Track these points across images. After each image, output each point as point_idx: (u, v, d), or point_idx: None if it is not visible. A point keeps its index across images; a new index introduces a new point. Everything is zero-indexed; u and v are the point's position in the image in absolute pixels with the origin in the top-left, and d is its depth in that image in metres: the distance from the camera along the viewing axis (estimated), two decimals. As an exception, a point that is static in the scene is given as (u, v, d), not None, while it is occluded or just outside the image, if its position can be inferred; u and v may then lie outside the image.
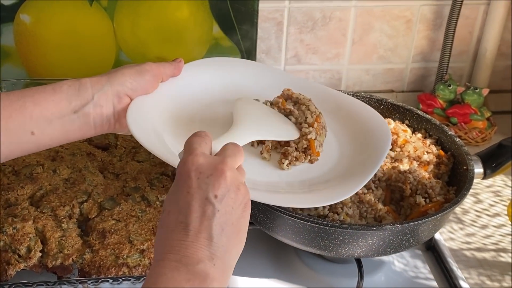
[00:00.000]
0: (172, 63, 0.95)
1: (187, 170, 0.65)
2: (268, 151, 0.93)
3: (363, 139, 0.99)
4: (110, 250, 0.84)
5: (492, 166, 0.99)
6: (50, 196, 0.91)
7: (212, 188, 0.64)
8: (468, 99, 1.29)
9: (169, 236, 0.63)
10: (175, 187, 0.66)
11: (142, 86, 0.88)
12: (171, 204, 0.65)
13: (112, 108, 0.85)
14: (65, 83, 0.83)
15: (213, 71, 1.05)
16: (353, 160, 0.96)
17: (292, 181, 0.91)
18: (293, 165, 0.93)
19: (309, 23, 1.30)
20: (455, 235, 1.06)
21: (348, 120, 1.03)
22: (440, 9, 1.32)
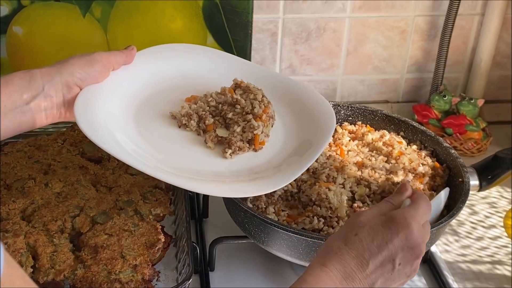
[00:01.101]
0: (123, 51, 0.96)
1: (408, 232, 0.71)
2: (212, 140, 0.93)
3: (309, 123, 0.99)
4: (103, 266, 0.83)
5: (487, 178, 0.98)
6: (42, 210, 0.90)
7: (403, 257, 0.71)
8: (464, 109, 1.29)
9: (347, 258, 0.70)
10: (383, 227, 0.71)
11: (91, 76, 0.90)
12: (368, 236, 0.71)
13: (62, 97, 0.87)
14: (16, 75, 0.85)
15: (167, 58, 1.05)
16: (299, 144, 0.96)
17: (236, 170, 0.91)
18: (236, 154, 0.92)
19: (303, 34, 1.30)
20: (451, 247, 1.05)
21: (295, 106, 1.02)
22: (435, 20, 1.32)
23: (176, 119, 0.96)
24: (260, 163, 0.92)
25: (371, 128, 1.11)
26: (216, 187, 0.86)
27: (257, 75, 1.05)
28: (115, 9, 1.19)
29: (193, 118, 0.95)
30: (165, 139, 0.93)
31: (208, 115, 0.95)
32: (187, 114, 0.95)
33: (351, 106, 1.13)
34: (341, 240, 0.71)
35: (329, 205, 0.91)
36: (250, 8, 1.22)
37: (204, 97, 0.99)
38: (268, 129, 0.96)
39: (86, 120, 0.86)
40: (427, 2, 1.30)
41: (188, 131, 0.95)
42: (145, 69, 1.00)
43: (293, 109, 1.02)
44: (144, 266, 0.84)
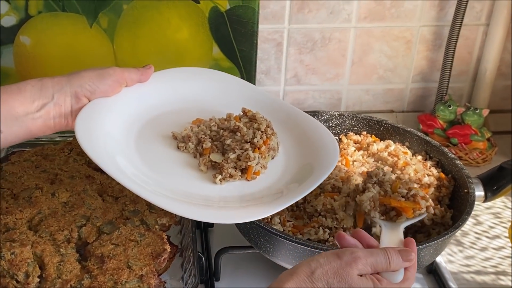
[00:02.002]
0: (139, 69, 0.97)
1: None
2: (206, 164, 0.93)
3: (310, 158, 0.97)
4: (109, 276, 0.83)
5: (493, 189, 0.98)
6: (49, 220, 0.90)
7: None
8: (469, 119, 1.29)
9: None
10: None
11: (101, 89, 0.91)
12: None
13: (70, 107, 0.89)
14: (28, 82, 0.87)
15: (181, 81, 1.05)
16: (295, 177, 0.94)
17: (226, 196, 0.90)
18: (227, 181, 0.91)
19: (308, 44, 1.31)
20: (455, 258, 1.05)
21: (300, 138, 1.01)
22: (440, 30, 1.33)
23: (177, 140, 0.97)
24: (253, 191, 0.91)
25: (376, 138, 1.11)
26: (200, 212, 0.84)
27: (269, 105, 1.04)
28: (122, 19, 1.19)
29: (192, 140, 0.95)
30: (161, 158, 0.94)
31: (207, 139, 0.95)
32: (187, 136, 0.95)
33: (356, 116, 1.13)
34: (324, 282, 0.70)
35: (335, 215, 0.91)
36: (256, 18, 1.22)
37: (209, 121, 0.99)
38: (266, 160, 0.95)
39: (84, 131, 0.87)
40: (432, 12, 1.31)
41: (185, 153, 0.95)
42: (158, 89, 1.01)
43: (297, 139, 1.01)
44: (150, 276, 0.84)
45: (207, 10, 1.21)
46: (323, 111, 1.14)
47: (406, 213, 0.89)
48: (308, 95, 1.36)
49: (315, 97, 1.37)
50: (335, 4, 1.27)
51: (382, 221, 0.87)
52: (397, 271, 0.74)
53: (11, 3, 1.15)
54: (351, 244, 0.76)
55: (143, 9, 1.19)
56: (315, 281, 0.69)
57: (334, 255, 0.72)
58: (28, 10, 1.17)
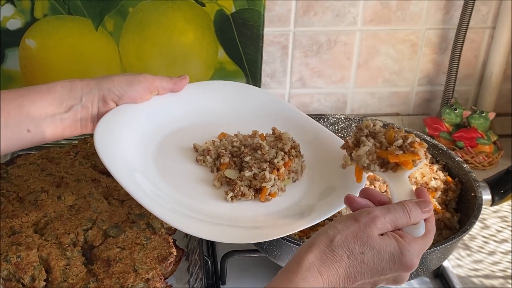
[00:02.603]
0: (173, 79, 0.96)
1: (401, 271, 0.70)
2: (220, 179, 0.90)
3: (334, 180, 0.92)
4: (115, 279, 0.83)
5: (500, 192, 0.98)
6: (55, 224, 0.90)
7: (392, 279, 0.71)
8: (475, 123, 1.28)
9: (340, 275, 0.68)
10: (389, 262, 0.69)
11: (129, 95, 0.91)
12: (371, 261, 0.69)
13: (97, 110, 0.90)
14: (58, 83, 0.88)
15: (213, 93, 1.04)
16: (315, 200, 0.90)
17: (237, 215, 0.86)
18: (238, 199, 0.88)
19: (314, 47, 1.30)
20: (463, 262, 1.05)
21: (326, 160, 0.96)
22: (446, 33, 1.32)
23: (197, 152, 0.95)
24: (267, 212, 0.88)
25: (382, 141, 1.11)
26: (206, 230, 0.82)
27: (301, 124, 1.01)
28: (128, 22, 1.19)
29: (211, 154, 0.93)
30: (178, 170, 0.92)
31: (226, 154, 0.92)
32: (206, 149, 0.93)
33: (362, 119, 1.13)
34: (345, 249, 0.68)
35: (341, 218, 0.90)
36: (261, 21, 1.22)
37: (232, 136, 0.96)
38: (284, 183, 0.91)
39: (104, 138, 0.86)
40: (438, 15, 1.30)
41: (203, 166, 0.93)
42: (188, 100, 0.99)
43: (322, 162, 0.96)
44: (157, 280, 0.84)
45: (213, 13, 1.21)
46: (329, 114, 1.14)
47: (406, 166, 0.82)
48: (313, 98, 1.36)
49: (321, 100, 1.37)
50: (340, 7, 1.26)
51: (385, 174, 0.82)
52: (417, 224, 0.72)
53: (17, 6, 1.15)
54: (363, 205, 0.74)
55: (149, 12, 1.19)
56: (335, 250, 0.68)
57: (351, 218, 0.70)
58: (33, 13, 1.17)
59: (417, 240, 0.71)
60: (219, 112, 1.02)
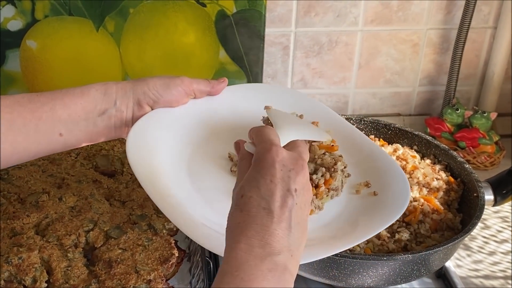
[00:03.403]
0: (210, 82, 0.93)
1: (271, 159, 0.66)
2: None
3: (374, 203, 0.86)
4: (117, 281, 0.83)
5: (502, 193, 0.98)
6: (56, 225, 0.90)
7: (293, 181, 0.65)
8: (476, 123, 1.28)
9: (252, 220, 0.63)
10: (256, 174, 0.66)
11: (165, 98, 0.88)
12: (252, 190, 0.65)
13: (132, 114, 0.87)
14: (92, 86, 0.86)
15: (251, 97, 0.97)
16: (353, 219, 0.84)
17: None
18: None
19: (315, 48, 1.30)
20: (463, 262, 1.04)
21: (367, 173, 0.90)
22: (447, 33, 1.32)
23: (232, 162, 0.90)
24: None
25: (384, 142, 1.11)
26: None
27: (343, 131, 0.95)
28: (128, 23, 1.19)
29: None
30: (211, 182, 0.86)
31: None
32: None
33: (363, 119, 1.13)
34: (234, 211, 0.65)
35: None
36: (263, 22, 1.22)
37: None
38: (323, 201, 0.84)
39: (135, 143, 0.83)
40: (439, 15, 1.30)
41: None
42: (227, 104, 0.94)
43: (364, 175, 0.90)
44: (158, 281, 0.83)
45: (214, 13, 1.20)
46: (330, 114, 1.13)
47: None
48: (314, 99, 1.36)
49: (322, 101, 1.36)
50: (342, 8, 1.26)
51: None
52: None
53: (17, 7, 1.15)
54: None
55: (150, 13, 1.19)
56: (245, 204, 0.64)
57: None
58: (34, 14, 1.17)
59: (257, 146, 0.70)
60: (258, 117, 0.94)
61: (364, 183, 0.89)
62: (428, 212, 0.95)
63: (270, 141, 0.69)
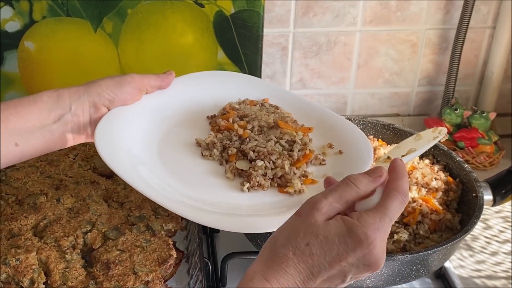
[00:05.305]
0: (159, 76, 0.95)
1: (359, 253, 0.62)
2: (232, 171, 0.89)
3: (343, 157, 0.92)
4: (115, 282, 0.82)
5: (501, 193, 0.97)
6: (54, 226, 0.89)
7: (357, 275, 0.64)
8: (475, 123, 1.28)
9: (293, 275, 0.62)
10: (340, 243, 0.62)
11: (120, 97, 0.89)
12: (320, 249, 0.62)
13: (89, 118, 0.87)
14: (44, 94, 0.85)
15: (202, 85, 1.03)
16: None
17: (255, 204, 0.85)
18: (255, 190, 0.86)
19: (314, 48, 1.30)
20: (465, 263, 1.04)
21: (332, 140, 0.96)
22: (446, 33, 1.32)
23: (201, 147, 0.93)
24: (283, 197, 0.86)
25: (383, 142, 1.10)
26: (229, 221, 0.80)
27: (294, 104, 1.01)
28: (126, 24, 1.19)
29: (216, 147, 0.91)
30: (186, 167, 0.90)
31: (232, 145, 0.90)
32: (211, 143, 0.92)
33: (362, 120, 1.13)
34: (289, 246, 0.62)
35: (342, 220, 0.90)
36: (261, 22, 1.22)
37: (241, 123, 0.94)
38: (300, 171, 0.89)
39: (106, 144, 0.85)
40: (438, 15, 1.30)
41: (211, 160, 0.91)
42: (179, 94, 0.98)
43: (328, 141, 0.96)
44: (156, 282, 0.83)
45: (212, 14, 1.20)
46: (329, 115, 1.13)
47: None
48: (313, 99, 1.36)
49: (321, 101, 1.36)
50: (340, 8, 1.26)
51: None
52: (372, 195, 0.64)
53: (15, 8, 1.15)
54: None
55: (148, 13, 1.19)
56: (278, 250, 0.62)
57: (294, 214, 0.65)
58: (32, 15, 1.16)
59: (367, 212, 0.63)
60: (213, 103, 1.00)
61: (328, 145, 0.94)
62: (427, 213, 0.94)
63: (391, 224, 0.64)
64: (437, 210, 0.96)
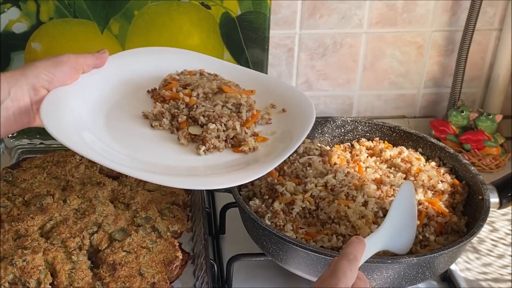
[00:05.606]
0: (94, 54, 0.96)
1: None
2: (186, 137, 0.92)
3: (289, 117, 0.99)
4: (121, 283, 0.82)
5: (508, 195, 0.97)
6: (60, 227, 0.90)
7: None
8: (482, 125, 1.28)
9: None
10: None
11: (58, 78, 0.90)
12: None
13: (29, 100, 0.87)
14: None
15: (141, 61, 1.06)
16: (278, 137, 0.96)
17: (212, 164, 0.90)
18: (210, 152, 0.91)
19: (320, 50, 1.30)
20: (471, 265, 1.04)
21: (273, 101, 1.03)
22: (452, 35, 1.32)
23: (148, 119, 0.96)
24: (239, 156, 0.92)
25: (389, 144, 1.10)
26: (190, 181, 0.85)
27: (231, 73, 1.07)
28: (133, 25, 1.19)
29: (166, 116, 0.94)
30: (138, 139, 0.93)
31: (181, 113, 0.94)
32: (159, 113, 0.94)
33: (368, 122, 1.13)
34: None
35: (349, 223, 0.90)
36: (267, 24, 1.22)
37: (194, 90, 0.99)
38: (251, 130, 0.96)
39: (54, 123, 0.85)
40: (444, 17, 1.30)
41: (161, 130, 0.95)
42: (118, 71, 1.01)
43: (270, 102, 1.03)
44: (162, 283, 0.83)
45: (218, 15, 1.20)
46: (335, 117, 1.13)
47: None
48: (319, 101, 1.36)
49: (327, 103, 1.36)
50: (346, 9, 1.26)
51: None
52: None
53: (22, 9, 1.15)
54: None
55: (154, 15, 1.19)
56: None
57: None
58: (39, 17, 1.17)
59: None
60: (151, 77, 1.03)
61: (270, 105, 1.02)
62: (433, 215, 0.94)
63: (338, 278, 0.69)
64: (443, 212, 0.95)
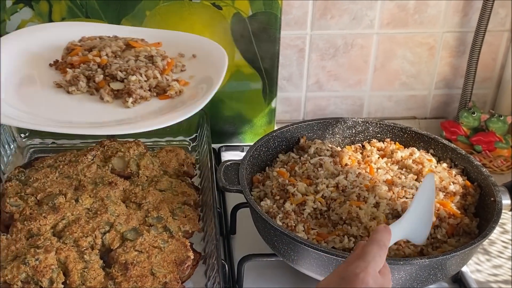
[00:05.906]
0: None
1: (356, 283, 0.67)
2: (109, 93, 0.93)
3: (200, 63, 1.07)
4: (133, 283, 0.83)
5: (519, 197, 0.97)
6: (73, 227, 0.90)
7: None
8: (493, 126, 1.27)
9: None
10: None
11: None
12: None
13: None
14: None
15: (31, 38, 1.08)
16: (200, 81, 1.02)
17: (142, 114, 0.93)
18: (138, 103, 0.93)
19: (330, 50, 1.30)
20: (482, 267, 1.04)
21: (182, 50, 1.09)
22: (463, 36, 1.31)
23: (62, 87, 0.96)
24: (166, 102, 0.96)
25: (400, 145, 1.10)
26: (120, 128, 0.89)
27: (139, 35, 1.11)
28: (145, 26, 1.19)
29: (81, 79, 0.95)
30: (58, 105, 0.94)
31: (97, 73, 0.95)
32: (73, 78, 0.95)
33: (379, 123, 1.12)
34: None
35: (360, 224, 0.90)
36: (278, 24, 1.22)
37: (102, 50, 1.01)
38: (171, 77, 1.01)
39: None
40: (456, 18, 1.29)
41: (79, 93, 0.95)
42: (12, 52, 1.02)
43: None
44: (174, 283, 0.84)
45: (230, 16, 1.21)
46: (346, 118, 1.13)
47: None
48: (330, 102, 1.36)
49: (337, 104, 1.36)
50: (357, 10, 1.26)
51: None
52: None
53: (35, 9, 1.16)
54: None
55: (166, 15, 1.19)
56: None
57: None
58: (51, 17, 1.17)
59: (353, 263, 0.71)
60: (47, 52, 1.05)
61: (179, 55, 1.09)
62: (444, 217, 0.94)
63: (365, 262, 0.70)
64: (455, 214, 0.95)
